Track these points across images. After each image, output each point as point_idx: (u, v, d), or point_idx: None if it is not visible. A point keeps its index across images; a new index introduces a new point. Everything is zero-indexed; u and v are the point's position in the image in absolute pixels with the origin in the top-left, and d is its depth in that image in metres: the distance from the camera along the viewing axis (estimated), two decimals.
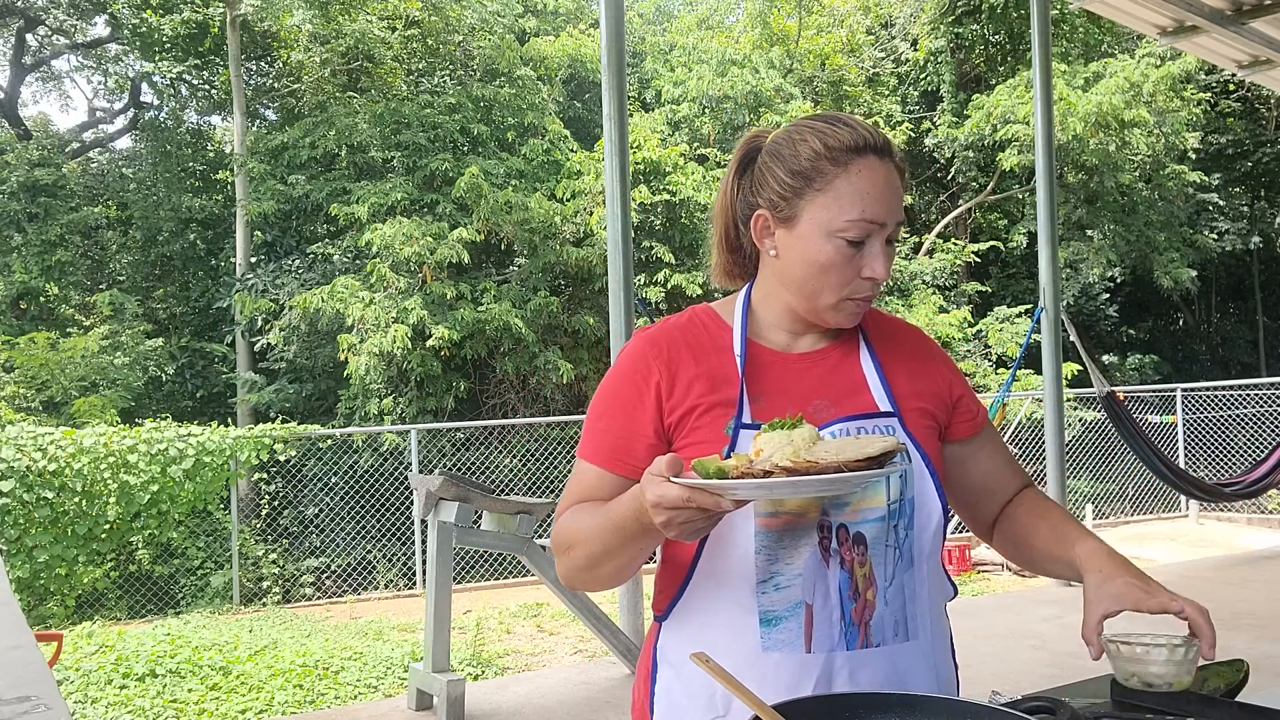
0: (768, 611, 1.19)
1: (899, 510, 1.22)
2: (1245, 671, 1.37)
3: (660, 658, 1.30)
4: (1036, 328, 6.72)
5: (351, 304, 11.15)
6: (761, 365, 1.29)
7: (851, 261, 1.23)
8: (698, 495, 1.00)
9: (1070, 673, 4.40)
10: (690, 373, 1.27)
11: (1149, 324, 17.23)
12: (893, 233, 1.25)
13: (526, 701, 4.41)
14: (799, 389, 1.28)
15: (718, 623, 1.23)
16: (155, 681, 5.72)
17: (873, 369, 1.31)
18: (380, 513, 10.04)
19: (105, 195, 16.07)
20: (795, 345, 1.32)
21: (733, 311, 1.34)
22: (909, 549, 1.24)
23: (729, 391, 1.25)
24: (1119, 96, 13.18)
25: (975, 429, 1.38)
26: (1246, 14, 6.67)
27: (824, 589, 1.19)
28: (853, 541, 1.20)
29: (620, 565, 1.21)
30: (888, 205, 1.22)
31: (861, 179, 1.21)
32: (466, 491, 4.35)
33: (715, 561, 1.23)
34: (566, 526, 1.25)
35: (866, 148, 1.22)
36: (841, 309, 1.26)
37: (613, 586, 1.28)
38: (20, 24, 16.46)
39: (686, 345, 1.30)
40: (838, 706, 1.11)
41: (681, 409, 1.26)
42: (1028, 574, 8.63)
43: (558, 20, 16.40)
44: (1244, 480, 7.33)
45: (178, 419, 9.70)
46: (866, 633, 1.20)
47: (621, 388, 1.30)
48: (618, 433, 1.27)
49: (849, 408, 1.27)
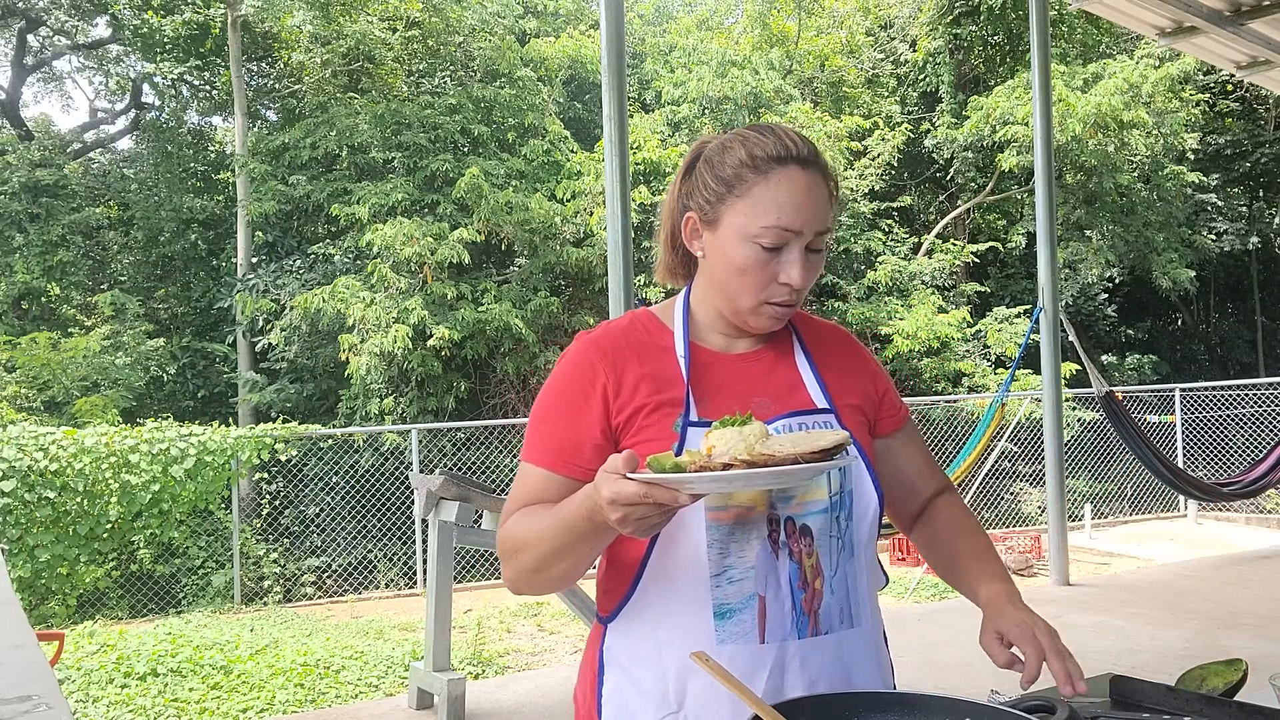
0: (722, 604, 1.22)
1: (840, 502, 1.27)
2: (1244, 671, 1.38)
3: (607, 659, 1.31)
4: (1035, 328, 6.73)
5: (352, 304, 11.17)
6: (703, 365, 1.33)
7: (767, 267, 1.26)
8: (655, 491, 1.02)
9: None
10: (636, 374, 1.29)
11: (1148, 324, 17.23)
12: (813, 242, 1.27)
13: (527, 700, 4.42)
14: (740, 387, 1.32)
15: (671, 619, 1.24)
16: (156, 681, 5.73)
17: (808, 368, 1.36)
18: (381, 512, 10.06)
19: (107, 196, 16.08)
20: (733, 347, 1.37)
21: (672, 314, 1.38)
22: (850, 538, 1.28)
23: (675, 391, 1.28)
24: (1118, 97, 13.19)
25: (898, 425, 1.43)
26: (1245, 15, 6.67)
27: (775, 580, 1.23)
28: (800, 533, 1.24)
29: (570, 566, 1.21)
30: (805, 214, 1.25)
31: (780, 188, 1.25)
32: (467, 491, 4.36)
33: (667, 558, 1.24)
34: (514, 530, 1.26)
35: (789, 158, 1.26)
36: (760, 313, 1.30)
37: (560, 589, 1.31)
38: (22, 25, 16.46)
39: (630, 347, 1.33)
40: (837, 706, 1.12)
41: (629, 409, 1.28)
42: (1026, 574, 8.65)
43: (558, 21, 16.41)
44: (1242, 480, 7.34)
45: (179, 419, 9.72)
46: (816, 621, 1.24)
47: (566, 391, 1.31)
48: (564, 435, 1.28)
49: (788, 405, 1.31)
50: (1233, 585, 6.35)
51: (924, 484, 1.45)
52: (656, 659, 1.25)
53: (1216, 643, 4.83)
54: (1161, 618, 5.46)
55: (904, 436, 1.45)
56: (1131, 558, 9.24)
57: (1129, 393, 11.79)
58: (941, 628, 5.29)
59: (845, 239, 13.45)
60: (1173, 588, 6.28)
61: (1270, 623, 5.24)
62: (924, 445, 1.49)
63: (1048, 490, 6.73)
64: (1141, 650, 4.81)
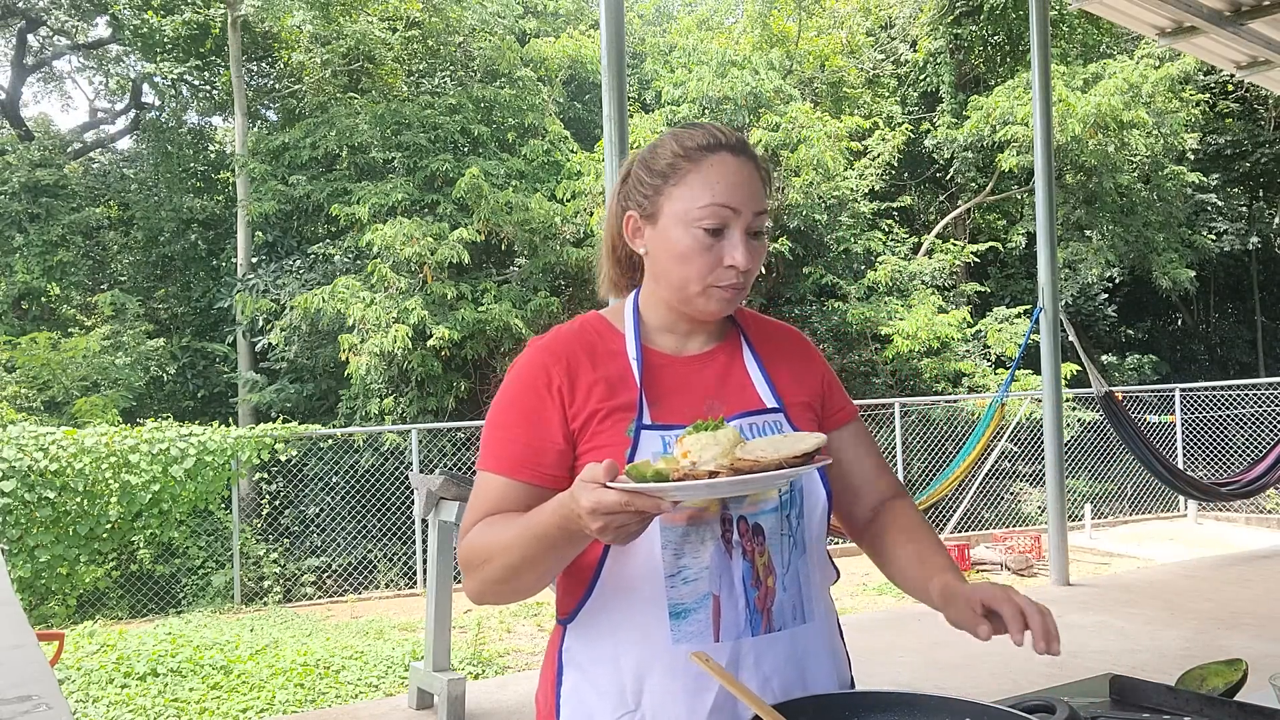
0: (677, 605, 1.23)
1: (790, 500, 1.29)
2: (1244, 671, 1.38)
3: (566, 660, 1.32)
4: (1035, 328, 6.73)
5: (352, 304, 11.17)
6: (655, 368, 1.33)
7: (712, 250, 1.28)
8: (637, 500, 1.02)
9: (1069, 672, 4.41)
10: (589, 378, 1.30)
11: (1147, 324, 17.24)
12: (753, 224, 1.30)
13: (527, 700, 4.41)
14: (692, 389, 1.33)
15: (628, 620, 1.25)
16: (156, 681, 5.73)
17: (756, 368, 1.37)
18: (381, 512, 10.06)
19: (106, 196, 16.08)
20: (684, 348, 1.37)
21: (622, 318, 1.38)
22: (801, 536, 1.30)
23: (627, 395, 1.29)
24: (1118, 97, 13.19)
25: (842, 421, 1.44)
26: (1245, 15, 6.68)
27: (729, 579, 1.24)
28: (752, 532, 1.26)
29: (539, 575, 1.21)
30: (741, 194, 1.28)
31: (713, 171, 1.28)
32: (467, 491, 4.36)
33: (623, 561, 1.25)
34: (477, 541, 1.24)
35: (719, 145, 1.30)
36: (710, 296, 1.30)
37: (526, 598, 1.29)
38: (22, 25, 16.47)
39: (583, 351, 1.33)
40: (837, 706, 1.12)
41: (584, 414, 1.28)
42: (1026, 573, 8.64)
43: (558, 21, 16.41)
44: (1242, 480, 7.34)
45: (179, 419, 9.72)
46: (770, 618, 1.25)
47: (522, 396, 1.30)
48: (524, 441, 1.28)
49: (738, 405, 1.32)
50: (1233, 585, 6.35)
51: (872, 488, 1.44)
52: (614, 659, 1.26)
53: (1216, 643, 4.83)
54: (1161, 618, 5.46)
55: (850, 435, 1.44)
56: (1131, 558, 9.25)
57: (1129, 393, 11.79)
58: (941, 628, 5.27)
59: (845, 239, 13.45)
60: (1173, 588, 6.28)
61: (1270, 623, 5.24)
62: (874, 447, 1.48)
63: (1048, 490, 6.73)
64: (1141, 650, 4.81)
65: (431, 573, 4.38)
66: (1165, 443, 11.19)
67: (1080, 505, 10.86)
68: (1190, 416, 11.67)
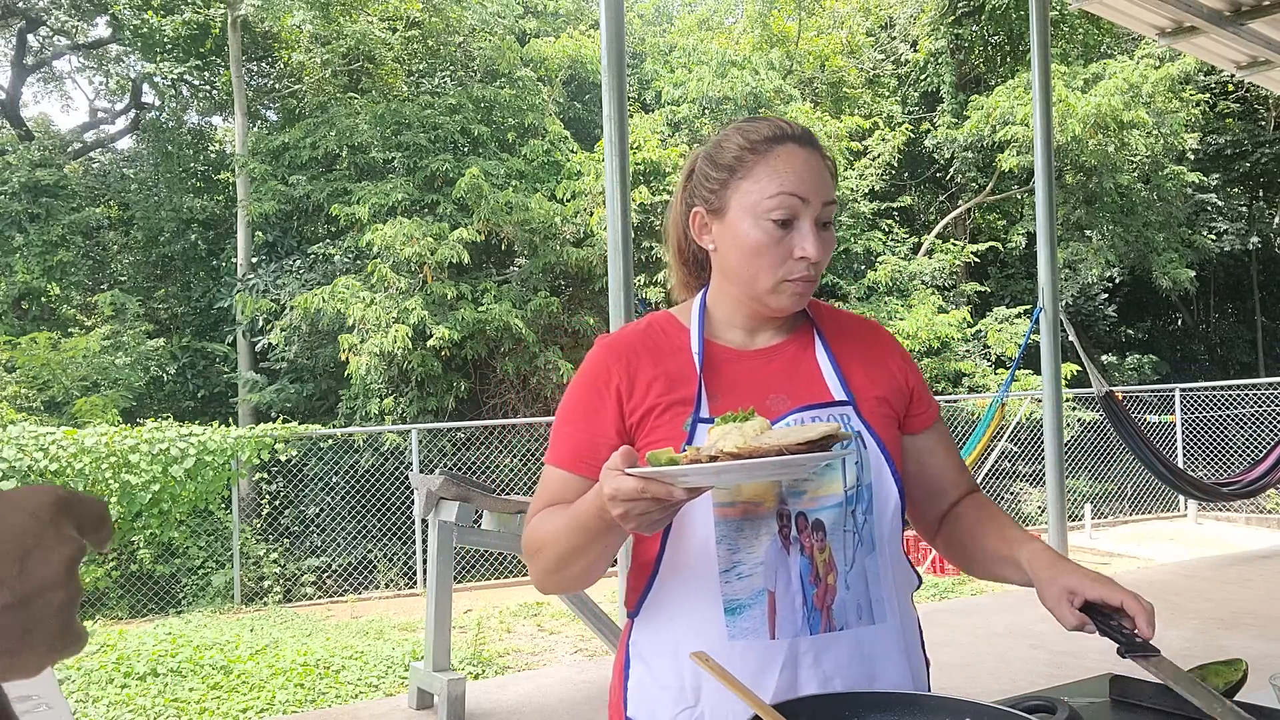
0: (731, 600, 1.22)
1: (856, 496, 1.26)
2: (1244, 671, 1.38)
3: (633, 653, 1.33)
4: (1035, 328, 6.73)
5: (352, 304, 11.17)
6: (718, 363, 1.33)
7: (781, 243, 1.27)
8: (651, 485, 1.03)
9: (1069, 672, 4.41)
10: (649, 374, 1.31)
11: (1147, 324, 17.23)
12: (822, 214, 1.29)
13: (527, 700, 4.42)
14: (755, 384, 1.32)
15: (684, 614, 1.26)
16: (156, 680, 5.73)
17: (827, 361, 1.35)
18: (381, 512, 10.06)
19: (106, 196, 16.08)
20: (752, 342, 1.36)
21: (689, 314, 1.39)
22: (869, 534, 1.27)
23: (687, 390, 1.29)
24: (1118, 98, 13.19)
25: (926, 424, 1.41)
26: (1245, 15, 6.68)
27: (785, 576, 1.22)
28: (811, 528, 1.24)
29: (588, 564, 1.23)
30: (809, 184, 1.27)
31: (780, 162, 1.28)
32: (467, 491, 4.36)
33: (678, 555, 1.26)
34: (535, 531, 1.29)
35: (785, 137, 1.30)
36: (781, 291, 1.30)
37: (582, 588, 1.31)
38: (22, 25, 16.46)
39: (645, 348, 1.34)
40: (838, 706, 1.12)
41: (642, 409, 1.30)
42: None
43: (558, 21, 16.40)
44: (1242, 480, 7.34)
45: (179, 419, 9.71)
46: (829, 617, 1.23)
47: (584, 393, 1.34)
48: (581, 437, 1.31)
49: (804, 399, 1.30)
50: (1233, 585, 6.35)
51: (951, 487, 1.42)
52: (674, 653, 1.26)
53: (1216, 643, 4.83)
54: (1161, 618, 5.44)
55: (933, 437, 1.42)
56: (1131, 558, 9.24)
57: (1129, 393, 11.79)
58: (942, 627, 5.28)
59: (845, 239, 13.45)
60: (1173, 588, 6.28)
61: (1270, 623, 5.24)
62: (953, 447, 1.45)
63: (1048, 490, 6.73)
64: None
65: (431, 573, 4.38)
66: (1165, 443, 11.18)
67: (1080, 505, 10.86)
68: (1190, 416, 11.67)
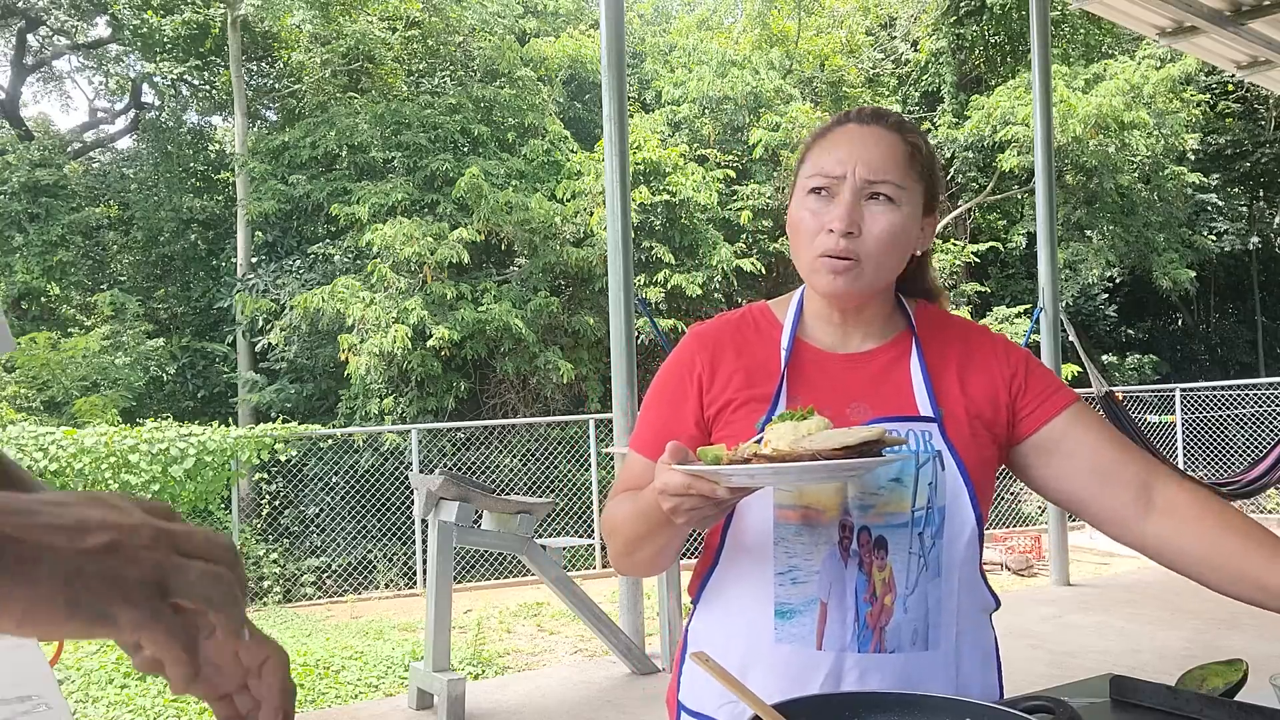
0: (783, 604, 1.21)
1: (926, 518, 1.20)
2: (1244, 671, 1.37)
3: (690, 639, 1.33)
4: (1036, 328, 6.73)
5: (352, 304, 11.17)
6: (805, 363, 1.30)
7: (817, 216, 1.24)
8: (697, 483, 1.02)
9: (1069, 672, 4.41)
10: (730, 367, 1.30)
11: (1148, 324, 17.24)
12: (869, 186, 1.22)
13: (527, 701, 4.42)
14: (838, 388, 1.27)
15: (738, 610, 1.25)
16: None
17: (920, 372, 1.28)
18: (381, 512, 10.05)
19: (106, 195, 16.08)
20: (844, 345, 1.31)
21: (787, 308, 1.35)
22: (936, 558, 1.21)
23: (767, 387, 1.27)
24: (1119, 98, 13.19)
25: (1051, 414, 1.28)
26: (1245, 15, 6.67)
27: (840, 589, 1.19)
28: (874, 544, 1.19)
29: (654, 551, 1.23)
30: (853, 157, 1.23)
31: (830, 141, 1.27)
32: (467, 491, 4.36)
33: (738, 549, 1.26)
34: (610, 513, 1.30)
35: (846, 119, 1.29)
36: (817, 270, 1.24)
37: (653, 573, 1.32)
38: (21, 25, 16.47)
39: (732, 340, 1.33)
40: (837, 706, 1.12)
41: (719, 402, 1.29)
42: (1027, 573, 8.64)
43: (558, 21, 16.40)
44: (1242, 480, 7.31)
45: (179, 419, 9.71)
46: (881, 637, 1.19)
47: (668, 380, 1.34)
48: (661, 423, 1.31)
49: (887, 410, 1.25)
50: None
51: (1124, 468, 1.24)
52: (724, 646, 1.25)
53: (1216, 643, 4.83)
54: (1161, 618, 5.45)
55: (1066, 422, 1.27)
56: (1132, 558, 9.23)
57: (1129, 393, 11.78)
58: None
59: None
60: (1173, 588, 6.28)
61: (1270, 623, 5.22)
62: (1107, 426, 1.30)
63: None
64: (1141, 650, 4.81)
65: (431, 573, 4.38)
66: (1166, 443, 11.18)
67: None
68: (1190, 416, 11.66)
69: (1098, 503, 1.26)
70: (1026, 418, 1.29)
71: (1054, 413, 1.28)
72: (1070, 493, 1.29)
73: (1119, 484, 1.25)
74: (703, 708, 1.28)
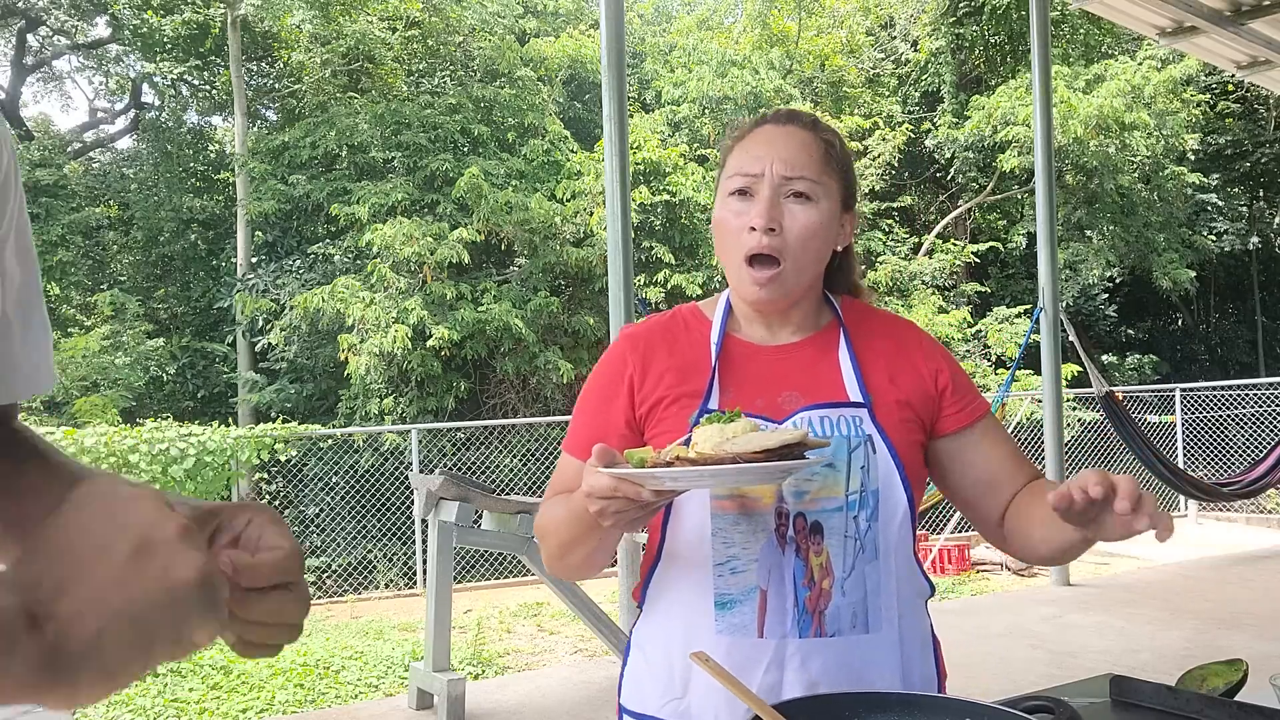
0: (723, 595, 1.22)
1: (860, 501, 1.23)
2: (1245, 671, 1.37)
3: (633, 642, 1.35)
4: (1035, 328, 6.73)
5: (352, 304, 11.17)
6: (735, 357, 1.32)
7: (740, 216, 1.27)
8: (623, 485, 1.03)
9: (1069, 672, 4.41)
10: (662, 365, 1.31)
11: (1148, 324, 17.24)
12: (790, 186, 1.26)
13: (527, 701, 4.42)
14: (769, 380, 1.30)
15: (678, 605, 1.26)
16: (156, 681, 5.73)
17: (849, 361, 1.31)
18: (381, 512, 10.05)
19: (106, 195, 16.08)
20: (772, 338, 1.34)
21: (715, 308, 1.38)
22: (872, 541, 1.23)
23: (698, 383, 1.29)
24: (1120, 99, 13.19)
25: (966, 421, 1.34)
26: (1245, 15, 6.68)
27: (779, 575, 1.21)
28: (810, 530, 1.22)
29: (586, 554, 1.24)
30: (769, 155, 1.26)
31: (748, 142, 1.31)
32: (467, 491, 4.36)
33: (676, 545, 1.27)
34: (541, 516, 1.32)
35: (762, 121, 1.33)
36: (743, 280, 1.28)
37: (587, 575, 1.32)
38: (21, 25, 16.47)
39: (663, 340, 1.35)
40: (838, 706, 1.12)
41: (651, 400, 1.30)
42: (1026, 573, 8.64)
43: (558, 21, 16.40)
44: (1242, 480, 7.34)
45: (179, 419, 9.71)
46: (821, 621, 1.21)
47: (599, 382, 1.36)
48: (593, 425, 1.32)
49: (817, 397, 1.28)
50: (1233, 585, 6.35)
51: (1008, 479, 1.33)
52: (665, 644, 1.27)
53: (1216, 643, 4.83)
54: (1161, 618, 5.45)
55: (976, 433, 1.34)
56: (1131, 558, 9.23)
57: (1129, 393, 11.78)
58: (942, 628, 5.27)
59: None
60: (1173, 588, 6.28)
61: (1270, 623, 5.24)
62: (1009, 440, 1.38)
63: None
64: (1141, 650, 4.81)
65: (431, 573, 4.38)
66: (1165, 443, 11.18)
67: None
68: (1190, 416, 11.66)
69: (974, 506, 1.36)
70: (947, 417, 1.33)
71: (972, 419, 1.34)
72: (962, 493, 1.36)
73: (995, 493, 1.33)
74: (645, 708, 1.28)
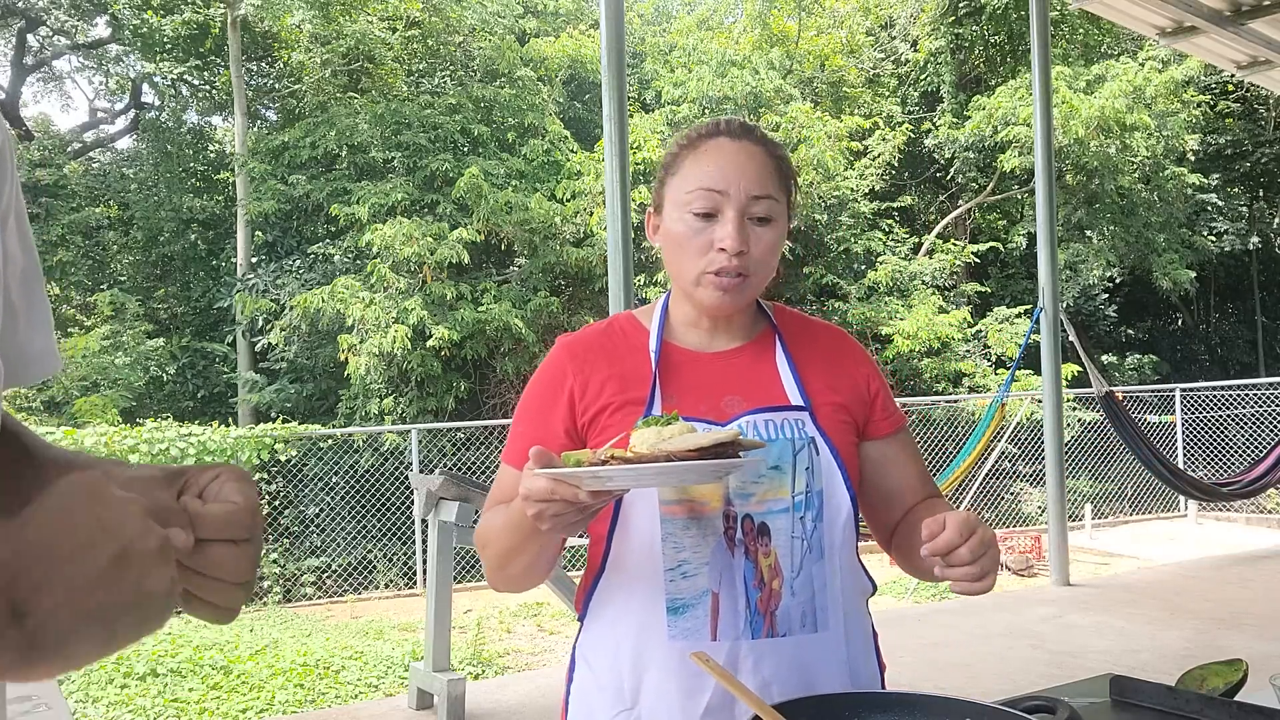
0: (675, 599, 1.22)
1: (806, 502, 1.25)
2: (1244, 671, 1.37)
3: (578, 656, 1.34)
4: (1036, 328, 6.73)
5: (352, 304, 11.17)
6: (675, 364, 1.33)
7: (703, 234, 1.28)
8: (559, 487, 1.03)
9: (1069, 672, 4.41)
10: (603, 374, 1.31)
11: (1148, 324, 17.24)
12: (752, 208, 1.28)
13: (527, 701, 4.42)
14: (711, 385, 1.31)
15: (628, 614, 1.25)
16: (156, 681, 5.73)
17: (786, 366, 1.34)
18: (381, 512, 10.05)
19: (106, 196, 16.08)
20: (711, 345, 1.36)
21: (652, 316, 1.39)
22: (818, 541, 1.25)
23: (641, 390, 1.29)
24: (1121, 100, 13.19)
25: (888, 430, 1.38)
26: (1245, 15, 6.68)
27: (730, 578, 1.22)
28: (757, 531, 1.23)
29: (527, 564, 1.24)
30: (731, 175, 1.27)
31: (706, 156, 1.30)
32: (467, 491, 4.36)
33: (624, 553, 1.26)
34: (481, 527, 1.31)
35: (717, 132, 1.32)
36: (703, 284, 1.29)
37: (528, 586, 1.31)
38: (21, 25, 16.47)
39: (602, 349, 1.35)
40: (838, 706, 1.12)
41: (594, 409, 1.30)
42: (1027, 574, 8.64)
43: (558, 21, 16.41)
44: (1242, 480, 7.34)
45: (179, 419, 9.71)
46: (772, 622, 1.22)
47: (538, 392, 1.35)
48: (531, 435, 1.31)
49: (759, 401, 1.29)
50: (1233, 585, 6.35)
51: (908, 494, 1.38)
52: (614, 654, 1.26)
53: (1216, 643, 4.83)
54: (1161, 618, 5.45)
55: (895, 445, 1.39)
56: (1131, 558, 9.24)
57: (1129, 393, 11.78)
58: (941, 628, 5.28)
59: (845, 239, 13.45)
60: (1173, 588, 6.28)
61: (1270, 623, 5.24)
62: (918, 457, 1.43)
63: (1048, 490, 6.73)
64: (1141, 650, 4.81)
65: (431, 573, 4.38)
66: (1165, 443, 11.18)
67: (1080, 505, 10.85)
68: (1190, 416, 11.66)
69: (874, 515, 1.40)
70: (875, 422, 1.38)
71: (892, 429, 1.39)
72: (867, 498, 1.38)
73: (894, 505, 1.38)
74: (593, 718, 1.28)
